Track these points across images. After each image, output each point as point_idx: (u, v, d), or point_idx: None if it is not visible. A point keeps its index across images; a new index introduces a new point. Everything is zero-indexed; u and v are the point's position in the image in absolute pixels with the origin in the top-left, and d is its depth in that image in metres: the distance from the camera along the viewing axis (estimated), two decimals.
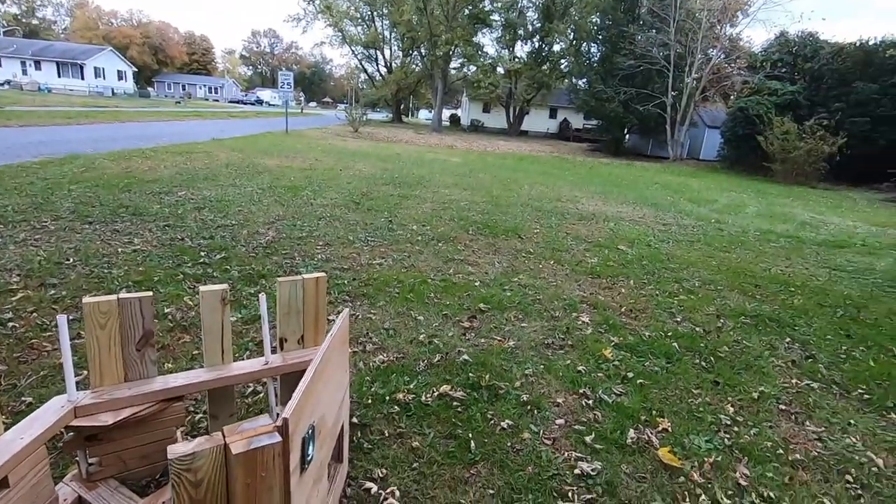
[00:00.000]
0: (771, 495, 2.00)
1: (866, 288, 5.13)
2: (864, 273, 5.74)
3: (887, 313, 4.37)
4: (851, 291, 4.95)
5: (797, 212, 10.51)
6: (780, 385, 2.92)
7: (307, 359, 2.00)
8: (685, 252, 5.97)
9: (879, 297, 4.83)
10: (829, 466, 2.22)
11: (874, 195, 16.04)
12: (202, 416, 2.16)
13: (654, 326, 3.61)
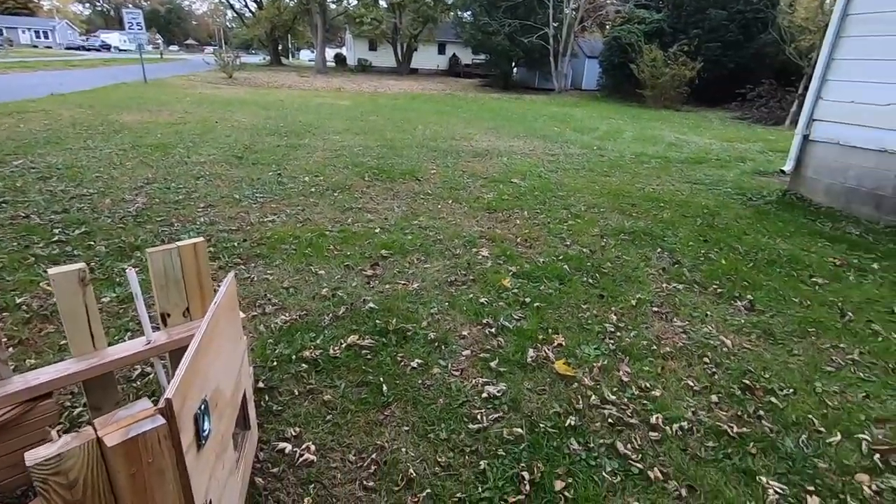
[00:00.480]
0: (647, 385, 2.31)
1: (719, 197, 5.89)
2: (718, 184, 6.55)
3: (734, 217, 5.07)
4: (708, 202, 5.65)
5: (665, 134, 11.57)
6: (654, 290, 3.31)
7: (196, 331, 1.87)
8: (572, 180, 6.36)
9: (729, 204, 5.58)
10: (692, 353, 2.61)
11: (726, 114, 18.08)
12: (83, 409, 1.96)
13: (547, 252, 3.86)
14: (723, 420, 2.11)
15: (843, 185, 5.52)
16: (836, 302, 3.27)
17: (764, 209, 5.46)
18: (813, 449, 1.98)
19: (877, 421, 2.16)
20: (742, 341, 2.75)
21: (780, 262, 3.89)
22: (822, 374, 2.49)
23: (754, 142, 10.94)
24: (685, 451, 1.93)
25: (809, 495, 1.75)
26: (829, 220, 5.14)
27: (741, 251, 4.11)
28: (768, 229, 4.73)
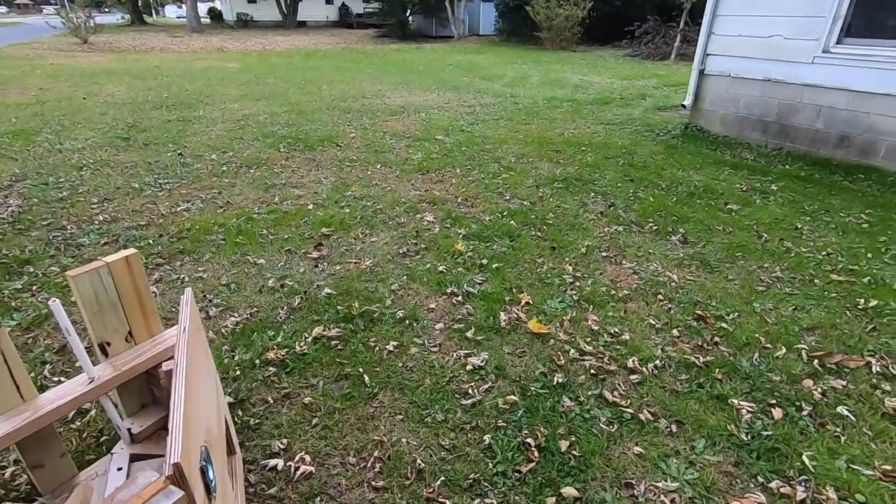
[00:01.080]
0: (615, 330, 2.42)
1: (632, 136, 6.19)
2: (627, 123, 6.88)
3: (650, 154, 5.38)
4: (623, 141, 5.92)
5: (569, 76, 11.86)
6: (598, 236, 3.44)
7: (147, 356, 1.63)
8: (494, 131, 6.33)
9: (641, 142, 5.89)
10: (647, 292, 2.76)
11: (618, 52, 18.89)
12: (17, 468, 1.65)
13: (490, 210, 3.84)
14: (688, 352, 2.27)
15: (736, 115, 6.03)
16: (752, 225, 3.61)
17: (672, 144, 5.84)
18: (766, 365, 2.20)
19: (807, 330, 2.45)
20: (685, 274, 2.96)
21: (698, 194, 4.21)
22: (756, 294, 2.75)
23: (649, 78, 11.58)
24: (664, 388, 2.06)
25: (772, 408, 1.96)
26: (728, 149, 5.62)
27: (663, 187, 4.37)
28: (681, 163, 5.07)
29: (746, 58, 5.71)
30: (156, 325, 1.71)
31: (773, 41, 5.42)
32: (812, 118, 5.29)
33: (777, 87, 5.51)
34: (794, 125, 5.47)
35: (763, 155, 5.38)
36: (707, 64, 6.18)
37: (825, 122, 5.18)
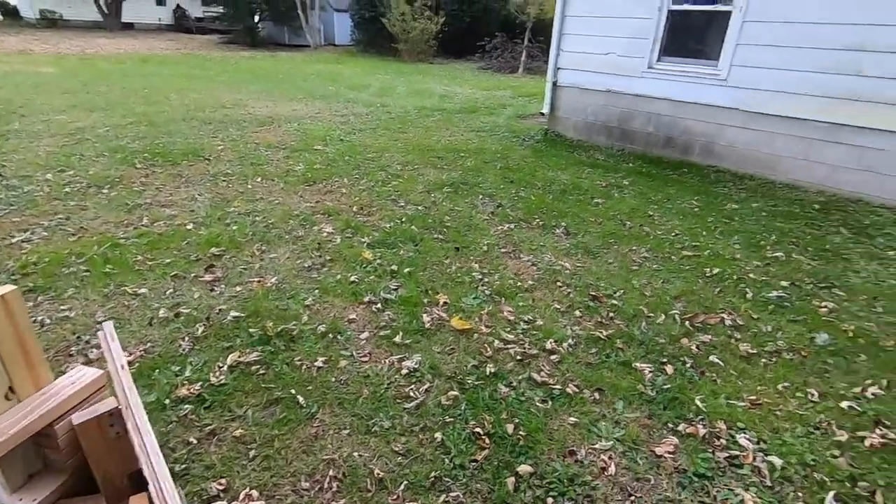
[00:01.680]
0: (529, 318, 2.62)
1: (502, 142, 6.69)
2: (496, 130, 7.41)
3: (521, 158, 5.87)
4: (496, 146, 6.36)
5: (433, 86, 12.34)
6: (494, 234, 3.67)
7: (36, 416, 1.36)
8: (374, 140, 6.34)
9: (512, 147, 6.40)
10: (548, 281, 3.03)
11: (472, 65, 20.15)
12: None
13: (388, 217, 3.86)
14: (592, 329, 2.55)
15: (586, 121, 6.87)
16: (616, 215, 4.17)
17: (538, 148, 6.44)
18: (652, 331, 2.57)
19: (675, 298, 2.92)
20: (574, 262, 3.31)
21: (569, 191, 4.72)
22: (632, 273, 3.20)
23: (504, 89, 12.57)
24: (580, 362, 2.30)
25: (665, 365, 2.30)
26: (583, 151, 6.38)
27: (539, 186, 4.82)
28: (549, 165, 5.63)
29: (591, 72, 6.56)
30: (45, 376, 1.44)
31: (610, 58, 6.30)
32: (645, 123, 6.26)
33: (617, 97, 6.41)
34: (632, 129, 6.42)
35: (611, 155, 6.22)
36: (559, 77, 6.95)
37: (655, 126, 6.18)
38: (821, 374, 2.31)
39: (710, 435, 1.90)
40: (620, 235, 3.76)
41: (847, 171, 4.92)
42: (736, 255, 3.50)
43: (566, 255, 3.41)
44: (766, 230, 3.98)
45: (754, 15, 5.11)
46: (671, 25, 5.78)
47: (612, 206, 4.40)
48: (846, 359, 2.42)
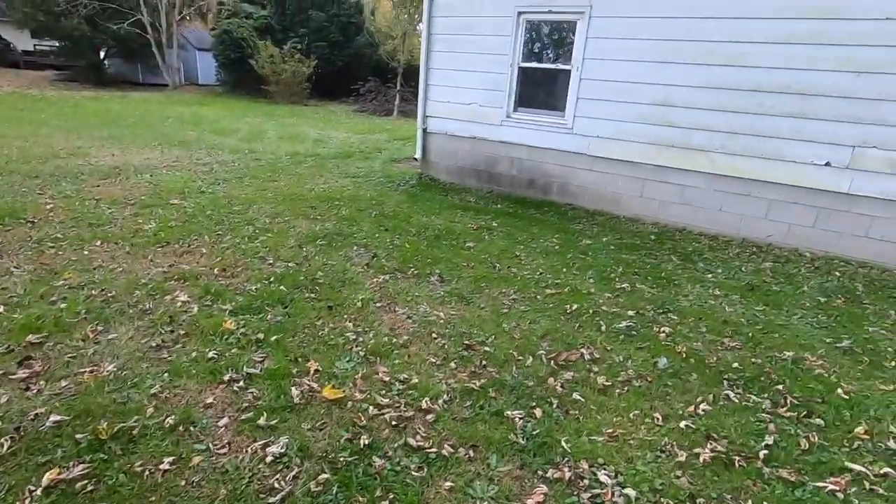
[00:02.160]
0: (405, 376, 2.59)
1: (378, 187, 6.74)
2: (371, 175, 7.46)
3: (396, 204, 5.95)
4: (371, 193, 6.39)
5: (306, 130, 12.13)
6: (369, 287, 3.62)
7: None
8: (240, 191, 5.99)
9: (387, 193, 6.47)
10: (423, 333, 3.04)
11: (347, 107, 20.29)
12: None
13: (254, 278, 3.62)
14: (466, 380, 2.60)
15: (456, 165, 7.23)
16: (487, 258, 4.38)
17: (413, 192, 6.60)
18: (522, 375, 2.69)
19: (541, 337, 3.11)
20: (448, 310, 3.38)
21: (443, 236, 4.87)
22: (502, 316, 3.35)
23: (380, 132, 12.80)
24: (455, 419, 2.31)
25: (534, 409, 2.41)
26: (455, 194, 6.68)
27: (414, 233, 4.91)
28: (423, 210, 5.78)
29: (457, 120, 6.96)
30: None
31: (473, 108, 6.76)
32: (509, 167, 6.77)
33: (482, 143, 6.86)
34: (497, 172, 6.89)
35: (481, 197, 6.59)
36: (428, 124, 7.26)
37: (517, 169, 6.71)
38: (664, 397, 2.60)
39: (574, 477, 2.00)
40: (491, 278, 3.94)
41: (673, 206, 5.76)
42: (591, 290, 3.86)
43: (441, 303, 3.47)
44: (615, 263, 4.46)
45: (588, 74, 5.87)
46: (523, 80, 6.40)
47: (484, 248, 4.62)
48: (681, 379, 2.75)
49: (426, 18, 6.76)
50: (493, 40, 6.37)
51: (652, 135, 5.65)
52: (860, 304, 3.96)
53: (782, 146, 5.04)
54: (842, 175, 4.85)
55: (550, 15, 5.99)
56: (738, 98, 5.13)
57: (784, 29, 4.79)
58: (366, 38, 20.99)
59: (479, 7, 6.37)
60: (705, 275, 4.37)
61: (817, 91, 4.78)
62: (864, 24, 4.48)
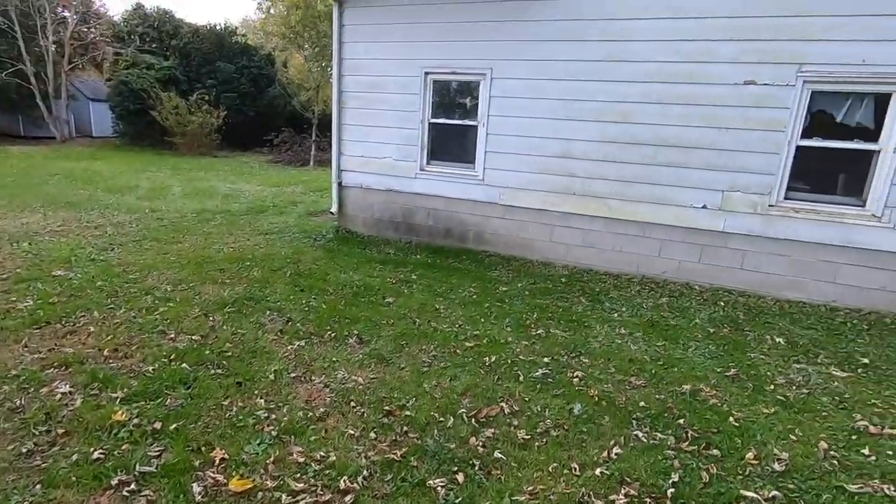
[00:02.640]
0: (321, 455, 2.46)
1: (293, 244, 6.56)
2: (286, 231, 7.26)
3: (313, 260, 5.81)
4: (286, 250, 6.20)
5: (216, 184, 11.63)
6: (283, 356, 3.45)
7: None
8: (139, 256, 5.55)
9: (303, 249, 6.31)
10: (341, 403, 2.93)
11: (260, 158, 19.81)
12: None
13: (152, 356, 3.32)
14: (387, 451, 2.52)
15: (374, 218, 7.26)
16: (407, 314, 4.37)
17: (330, 247, 6.49)
18: (443, 437, 2.67)
19: (462, 394, 3.12)
20: (368, 374, 3.30)
21: (361, 293, 4.80)
22: (423, 375, 3.33)
23: (295, 184, 12.59)
24: (376, 496, 2.22)
25: (456, 474, 2.38)
26: (374, 247, 6.66)
27: (331, 291, 4.79)
28: (341, 265, 5.69)
29: (372, 174, 7.04)
30: None
31: (387, 161, 6.89)
32: (426, 217, 6.91)
33: (398, 196, 6.97)
34: (415, 223, 7.00)
35: (400, 249, 6.63)
36: (343, 178, 7.27)
37: (434, 220, 6.86)
38: (580, 444, 2.69)
39: None
40: (412, 335, 3.92)
41: (579, 248, 6.16)
42: (508, 338, 3.97)
43: (360, 367, 3.39)
44: (530, 308, 4.64)
45: (494, 129, 6.25)
46: (435, 135, 6.66)
47: (404, 303, 4.61)
48: (595, 424, 2.87)
49: (336, 77, 6.89)
50: (403, 98, 6.61)
51: (556, 184, 6.07)
52: (742, 331, 4.42)
53: (668, 192, 5.63)
54: (716, 216, 5.49)
55: (455, 76, 6.37)
56: (628, 150, 5.70)
57: (660, 91, 5.44)
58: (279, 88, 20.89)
59: (387, 68, 6.62)
60: (612, 314, 4.66)
61: (691, 144, 5.44)
62: (722, 89, 5.23)
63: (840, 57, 4.78)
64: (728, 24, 5.08)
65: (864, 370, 3.76)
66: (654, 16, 5.33)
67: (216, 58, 21.21)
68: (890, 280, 5.03)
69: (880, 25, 4.61)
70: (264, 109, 22.18)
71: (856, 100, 4.96)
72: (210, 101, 19.27)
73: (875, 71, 4.70)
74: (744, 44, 5.06)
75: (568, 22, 5.67)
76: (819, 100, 5.05)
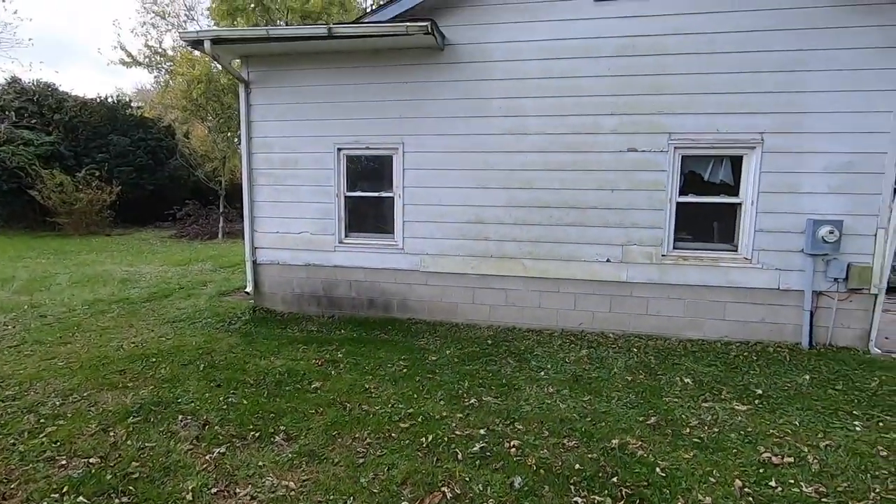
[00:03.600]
0: None
1: (205, 331, 6.11)
2: (196, 317, 6.76)
3: (229, 349, 5.44)
4: (198, 339, 5.75)
5: (110, 268, 10.64)
6: (201, 468, 3.13)
7: None
8: (17, 365, 4.86)
9: (217, 337, 5.90)
10: None
11: (163, 233, 18.52)
12: None
13: (39, 492, 2.86)
14: None
15: (293, 294, 7.02)
16: (336, 399, 4.19)
17: (247, 331, 6.13)
18: None
19: (401, 484, 3.01)
20: (299, 476, 3.09)
21: (285, 381, 4.55)
22: (359, 469, 3.17)
23: (203, 261, 11.86)
24: None
25: None
26: (295, 325, 6.40)
27: (252, 383, 4.49)
28: (260, 350, 5.38)
29: (289, 249, 6.87)
30: None
31: (304, 236, 6.79)
32: (348, 290, 6.81)
33: (318, 270, 6.84)
34: (337, 296, 6.86)
35: (323, 325, 6.43)
36: (258, 256, 7.02)
37: (356, 291, 6.78)
38: None
39: None
40: (343, 423, 3.76)
41: (501, 308, 6.38)
42: (443, 413, 3.94)
43: (290, 468, 3.16)
44: (461, 377, 4.66)
45: (410, 200, 6.45)
46: (352, 208, 6.73)
47: (331, 387, 4.43)
48: (537, 496, 2.89)
49: (246, 156, 6.80)
50: (317, 173, 6.64)
51: (474, 248, 6.32)
52: (655, 375, 4.76)
53: (575, 249, 6.08)
54: (620, 268, 6.00)
55: (369, 150, 6.55)
56: (535, 213, 6.13)
57: (557, 159, 5.99)
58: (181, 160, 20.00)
59: (299, 144, 6.66)
60: (539, 372, 4.82)
61: (589, 205, 5.98)
62: (609, 156, 5.88)
63: (700, 127, 5.62)
64: (608, 100, 5.80)
65: (759, 401, 4.19)
66: (543, 94, 5.95)
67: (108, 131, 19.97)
68: (767, 313, 5.74)
69: (728, 101, 5.53)
70: (165, 182, 21.04)
71: (717, 161, 5.81)
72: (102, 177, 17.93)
73: (727, 138, 5.58)
74: (623, 117, 5.79)
75: (470, 100, 6.15)
76: (689, 162, 5.84)
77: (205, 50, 6.08)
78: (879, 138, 5.23)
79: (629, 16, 5.66)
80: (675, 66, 5.61)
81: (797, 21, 5.31)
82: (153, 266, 11.02)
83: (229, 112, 16.62)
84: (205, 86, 15.64)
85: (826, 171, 5.40)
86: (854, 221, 5.38)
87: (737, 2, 5.42)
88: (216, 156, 17.96)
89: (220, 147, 17.78)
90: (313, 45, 6.19)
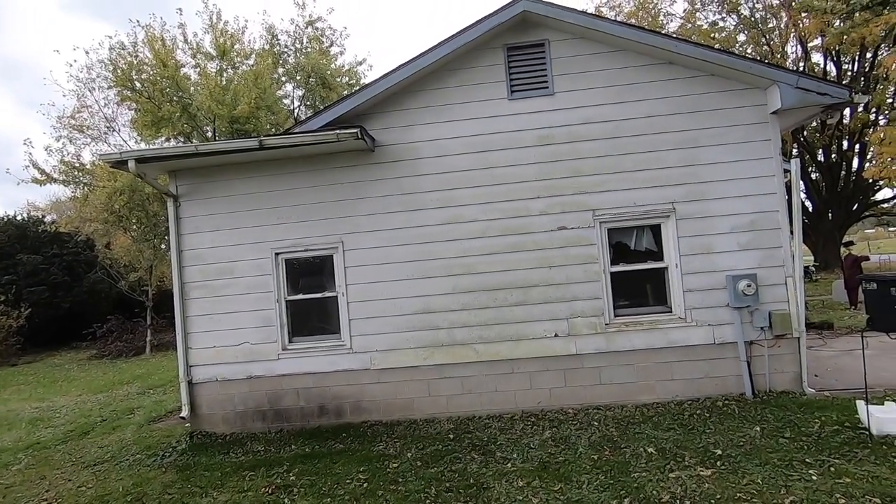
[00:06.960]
0: None
1: (133, 471, 5.42)
2: (122, 455, 6.01)
3: (164, 489, 4.83)
4: (125, 483, 5.07)
5: (16, 406, 9.40)
6: None
7: None
8: None
9: (148, 476, 5.24)
10: None
11: (80, 355, 16.84)
12: None
13: None
14: None
15: (235, 411, 6.48)
16: None
17: (184, 463, 5.51)
18: None
19: None
20: None
21: None
22: None
23: (129, 382, 10.81)
24: None
25: None
26: (239, 447, 5.84)
27: None
28: (201, 486, 4.82)
29: (229, 363, 6.44)
30: None
31: (245, 347, 6.42)
32: (296, 399, 6.40)
33: (262, 381, 6.41)
34: (284, 408, 6.41)
35: (271, 442, 5.92)
36: (193, 374, 6.50)
37: (305, 399, 6.39)
38: None
39: None
40: None
41: (459, 397, 6.22)
42: None
43: None
44: (426, 483, 4.39)
45: (354, 297, 6.36)
46: (294, 311, 6.51)
47: None
48: None
49: (176, 270, 6.50)
50: (255, 280, 6.44)
51: (423, 339, 6.24)
52: (620, 449, 4.73)
53: (523, 328, 6.17)
54: (568, 341, 6.12)
55: (308, 252, 6.49)
56: (480, 297, 6.22)
57: (495, 243, 6.22)
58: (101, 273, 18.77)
59: (235, 253, 6.49)
60: (505, 464, 4.64)
61: (531, 283, 6.17)
62: (543, 235, 6.19)
63: (619, 202, 6.12)
64: (535, 185, 6.22)
65: (721, 462, 4.25)
66: (475, 184, 6.29)
67: (16, 250, 18.57)
68: (709, 368, 6.01)
69: (640, 177, 6.10)
70: (84, 298, 19.53)
71: (640, 231, 6.29)
72: (7, 301, 16.37)
73: (644, 209, 6.09)
74: (550, 199, 6.20)
75: (405, 195, 6.37)
76: (615, 234, 6.27)
77: (129, 169, 5.97)
78: (771, 199, 5.94)
79: (542, 110, 6.26)
80: (589, 151, 6.18)
81: (689, 105, 6.10)
82: (70, 397, 9.87)
83: (155, 220, 16.06)
84: (127, 196, 15.15)
85: (734, 231, 5.98)
86: (766, 273, 5.91)
87: (636, 92, 6.17)
88: (142, 265, 17.04)
89: (146, 256, 16.95)
90: (245, 155, 6.26)
